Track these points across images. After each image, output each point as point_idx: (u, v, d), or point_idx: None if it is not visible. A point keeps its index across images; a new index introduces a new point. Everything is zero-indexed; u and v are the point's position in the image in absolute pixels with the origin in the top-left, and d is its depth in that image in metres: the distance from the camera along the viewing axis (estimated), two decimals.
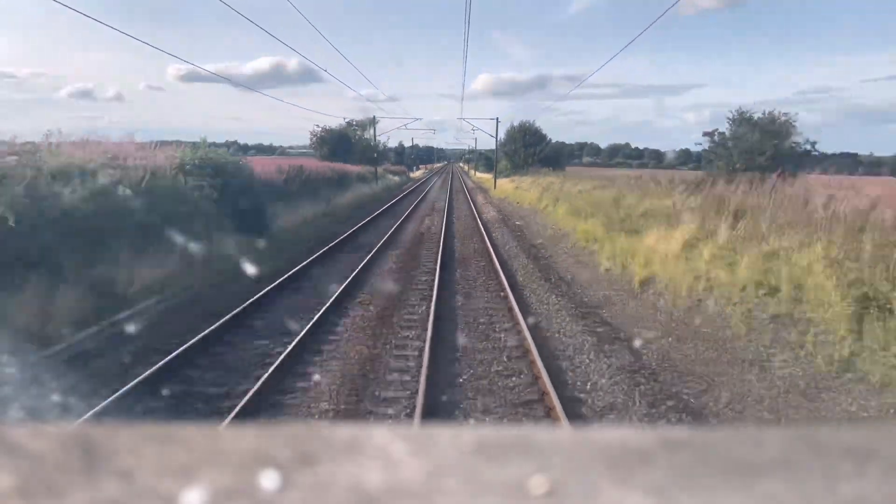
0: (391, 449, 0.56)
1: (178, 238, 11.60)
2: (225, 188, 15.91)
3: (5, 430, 0.58)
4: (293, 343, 8.12)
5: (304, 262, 13.88)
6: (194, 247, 11.81)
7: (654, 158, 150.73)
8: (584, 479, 0.52)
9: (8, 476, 0.50)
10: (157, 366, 7.11)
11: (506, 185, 47.89)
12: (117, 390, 6.28)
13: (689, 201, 15.89)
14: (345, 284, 11.69)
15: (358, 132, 61.21)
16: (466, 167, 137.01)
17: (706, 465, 0.55)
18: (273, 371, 7.10)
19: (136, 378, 6.70)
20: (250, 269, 11.29)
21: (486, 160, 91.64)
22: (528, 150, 58.59)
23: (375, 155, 54.72)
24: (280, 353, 7.77)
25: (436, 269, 13.72)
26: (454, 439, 0.58)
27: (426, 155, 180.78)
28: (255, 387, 6.65)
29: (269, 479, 0.51)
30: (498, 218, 27.47)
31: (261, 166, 23.91)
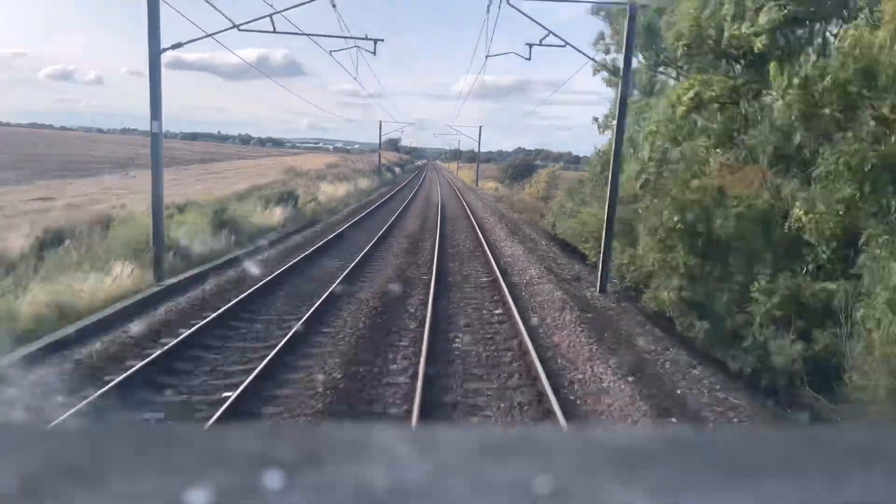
0: (395, 449, 0.56)
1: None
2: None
3: (8, 430, 0.59)
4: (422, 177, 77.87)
5: (414, 174, 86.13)
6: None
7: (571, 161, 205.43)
8: (588, 479, 0.52)
9: (11, 477, 0.50)
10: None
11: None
12: None
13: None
14: (421, 178, 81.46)
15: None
16: (440, 163, 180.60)
17: (710, 466, 0.55)
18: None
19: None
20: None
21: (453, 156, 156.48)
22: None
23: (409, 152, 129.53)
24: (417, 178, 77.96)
25: (435, 172, 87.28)
26: (458, 439, 0.58)
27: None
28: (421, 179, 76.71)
29: (272, 479, 0.51)
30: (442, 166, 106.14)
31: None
